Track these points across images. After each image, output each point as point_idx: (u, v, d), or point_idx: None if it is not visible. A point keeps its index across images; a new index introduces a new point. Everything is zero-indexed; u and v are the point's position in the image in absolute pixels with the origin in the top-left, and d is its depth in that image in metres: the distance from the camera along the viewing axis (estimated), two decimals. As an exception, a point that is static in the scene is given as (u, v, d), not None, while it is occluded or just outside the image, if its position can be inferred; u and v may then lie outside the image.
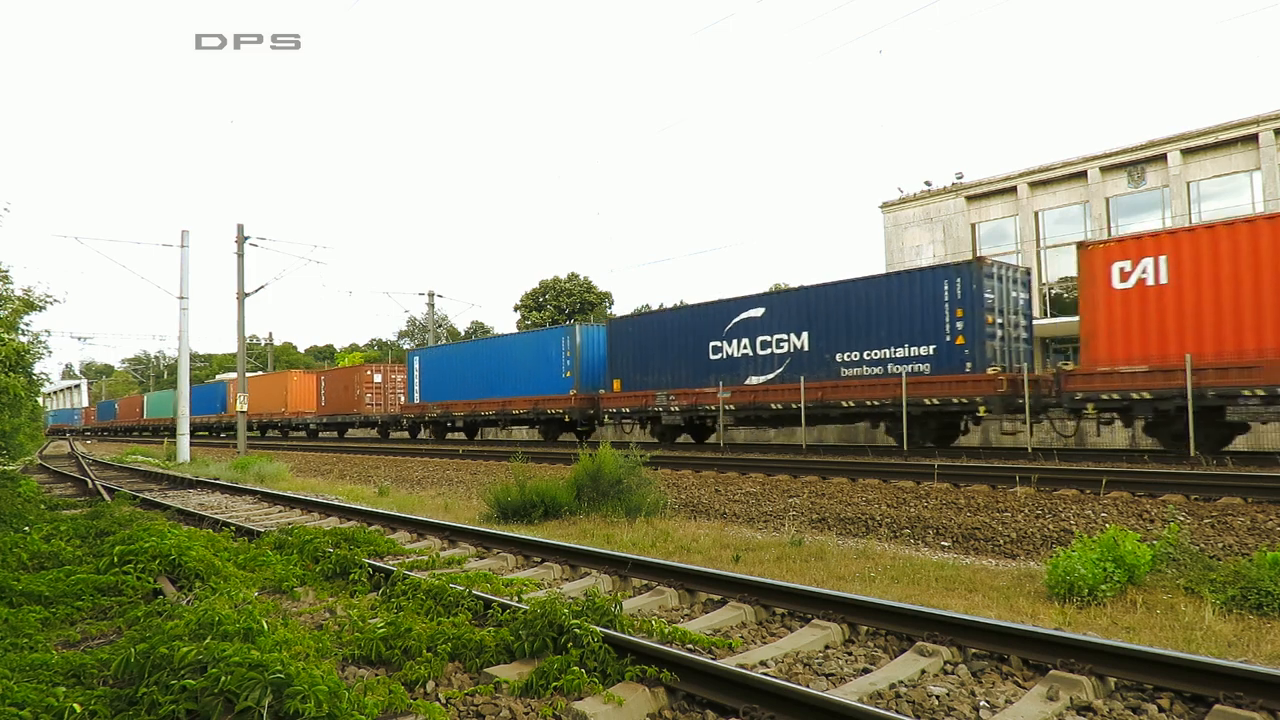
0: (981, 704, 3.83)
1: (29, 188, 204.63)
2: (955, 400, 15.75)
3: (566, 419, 24.55)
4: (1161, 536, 6.64)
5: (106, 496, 13.76)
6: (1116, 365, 13.69)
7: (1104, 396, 13.83)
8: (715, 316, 20.55)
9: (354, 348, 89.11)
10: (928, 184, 31.89)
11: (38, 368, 15.19)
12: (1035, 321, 18.74)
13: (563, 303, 57.25)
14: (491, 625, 4.97)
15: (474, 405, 27.83)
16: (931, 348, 16.30)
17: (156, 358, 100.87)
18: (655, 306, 62.01)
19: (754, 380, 19.36)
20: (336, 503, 12.75)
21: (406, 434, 34.48)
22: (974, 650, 4.44)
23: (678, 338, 21.50)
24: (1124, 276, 13.65)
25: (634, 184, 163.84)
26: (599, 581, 6.58)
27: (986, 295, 15.65)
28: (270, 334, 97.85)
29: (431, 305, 43.07)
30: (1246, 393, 12.24)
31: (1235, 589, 5.60)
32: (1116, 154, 27.00)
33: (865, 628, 4.99)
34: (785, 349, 18.90)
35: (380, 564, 6.90)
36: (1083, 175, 27.79)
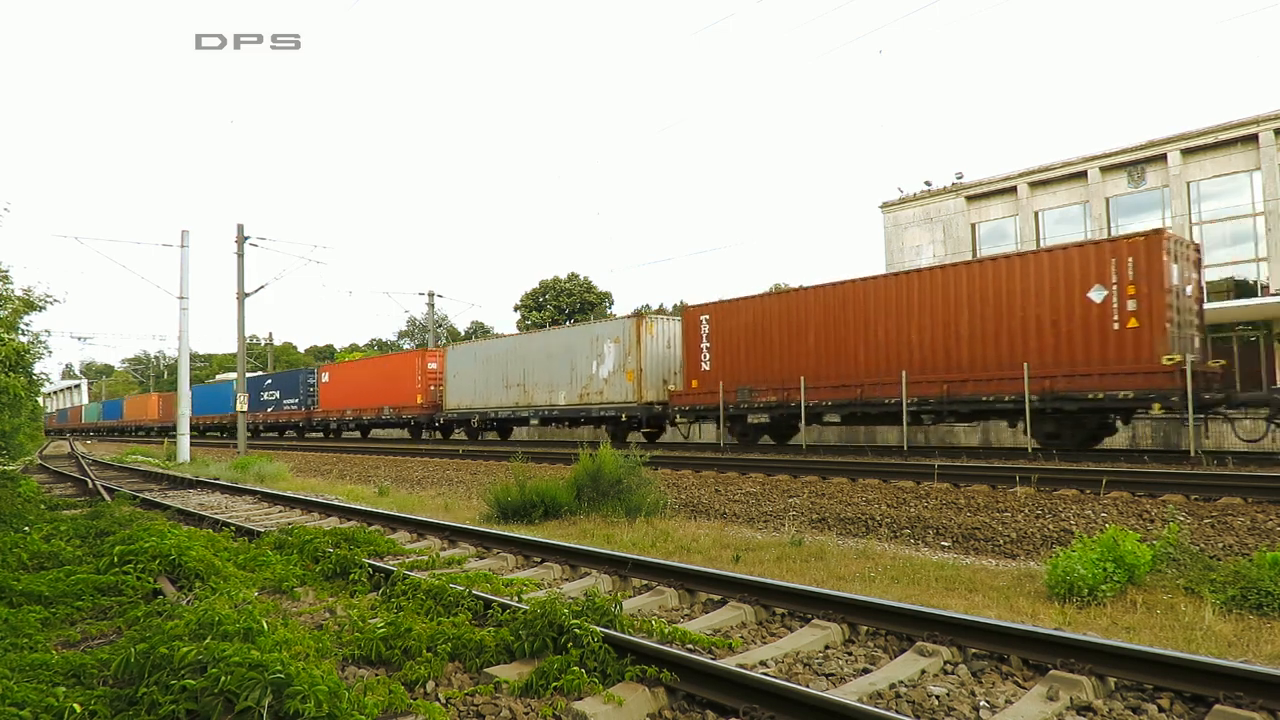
0: (981, 704, 3.84)
1: (29, 188, 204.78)
2: (299, 420, 39.71)
3: (227, 427, 46.24)
4: (1161, 536, 6.64)
5: (106, 496, 13.76)
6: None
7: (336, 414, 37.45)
8: (264, 380, 43.85)
9: (354, 348, 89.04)
10: (928, 184, 31.88)
11: (38, 368, 15.22)
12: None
13: (563, 303, 57.22)
14: (491, 625, 4.97)
15: (212, 419, 49.26)
16: (297, 400, 39.75)
17: (156, 358, 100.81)
18: (655, 307, 62.20)
19: (269, 410, 42.57)
20: (336, 503, 12.75)
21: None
22: (974, 650, 4.44)
23: (256, 389, 42.55)
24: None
25: (634, 184, 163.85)
26: (599, 581, 6.58)
27: (309, 383, 39.10)
28: (270, 334, 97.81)
29: (431, 305, 43.10)
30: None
31: (1235, 589, 5.60)
32: (1116, 154, 26.97)
33: (865, 628, 4.99)
34: (275, 398, 42.42)
35: (380, 564, 6.90)
36: (1083, 175, 27.77)
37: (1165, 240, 13.26)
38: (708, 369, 19.92)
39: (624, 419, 22.31)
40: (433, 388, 30.14)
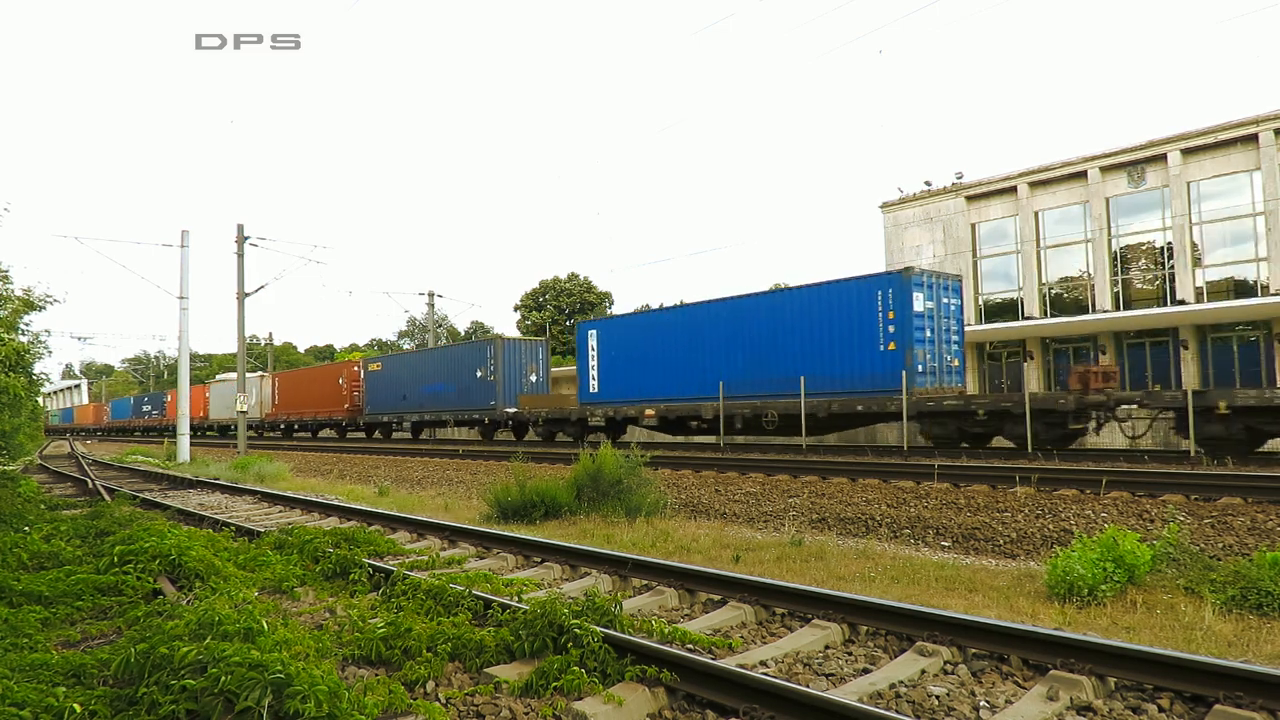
0: (981, 704, 3.84)
1: (29, 188, 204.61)
2: (156, 425, 57.20)
3: (131, 429, 64.04)
4: (1161, 536, 6.64)
5: (106, 496, 13.77)
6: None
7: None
8: (144, 399, 61.49)
9: (354, 348, 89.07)
10: (928, 184, 31.88)
11: (38, 368, 15.21)
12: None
13: (563, 303, 57.29)
14: (491, 625, 4.98)
15: (122, 422, 64.53)
16: (160, 411, 56.70)
17: (156, 358, 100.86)
18: (655, 306, 62.44)
19: (146, 417, 59.04)
20: (336, 503, 12.75)
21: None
22: (974, 650, 4.44)
23: (140, 404, 60.97)
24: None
25: (634, 184, 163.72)
26: (599, 581, 6.58)
27: (162, 401, 57.24)
28: (270, 334, 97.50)
29: (431, 305, 43.11)
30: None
31: (1235, 589, 5.60)
32: (1116, 154, 26.97)
33: (865, 628, 4.99)
34: (149, 409, 59.69)
35: (380, 564, 6.91)
36: (1083, 175, 27.77)
37: (358, 364, 35.55)
38: (277, 401, 42.18)
39: (252, 426, 43.90)
40: (206, 405, 50.11)
